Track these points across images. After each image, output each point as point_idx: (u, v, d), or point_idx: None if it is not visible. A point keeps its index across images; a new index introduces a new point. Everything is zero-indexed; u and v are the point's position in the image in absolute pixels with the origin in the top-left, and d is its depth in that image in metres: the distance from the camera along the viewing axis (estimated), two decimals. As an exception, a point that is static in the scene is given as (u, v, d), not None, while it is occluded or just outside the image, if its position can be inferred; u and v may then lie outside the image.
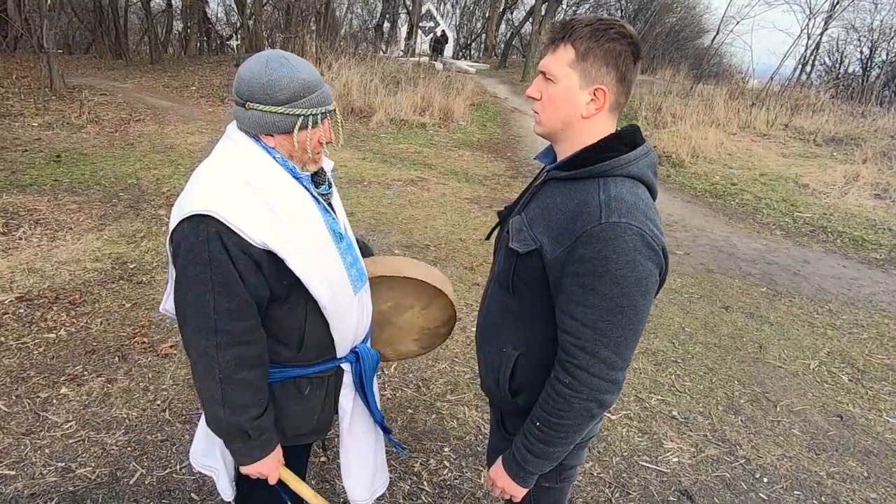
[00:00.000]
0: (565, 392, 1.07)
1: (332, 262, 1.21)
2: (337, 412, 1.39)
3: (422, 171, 7.65)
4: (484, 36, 28.06)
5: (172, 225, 1.08)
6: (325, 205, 1.24)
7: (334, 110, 1.20)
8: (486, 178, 7.67)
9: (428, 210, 5.87)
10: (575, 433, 1.12)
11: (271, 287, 1.13)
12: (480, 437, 2.56)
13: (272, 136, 1.14)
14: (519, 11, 28.43)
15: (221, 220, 1.04)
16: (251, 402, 1.15)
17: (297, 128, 1.12)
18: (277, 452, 1.25)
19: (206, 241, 1.04)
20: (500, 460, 1.25)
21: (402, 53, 18.29)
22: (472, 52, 30.16)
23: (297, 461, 1.44)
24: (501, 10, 26.80)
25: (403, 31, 22.95)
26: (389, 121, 10.23)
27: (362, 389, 1.38)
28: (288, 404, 1.28)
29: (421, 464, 2.36)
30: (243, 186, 1.09)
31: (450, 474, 2.32)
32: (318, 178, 1.26)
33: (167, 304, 1.25)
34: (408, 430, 2.55)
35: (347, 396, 1.37)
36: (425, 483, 2.26)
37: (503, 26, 28.44)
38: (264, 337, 1.16)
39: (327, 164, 1.31)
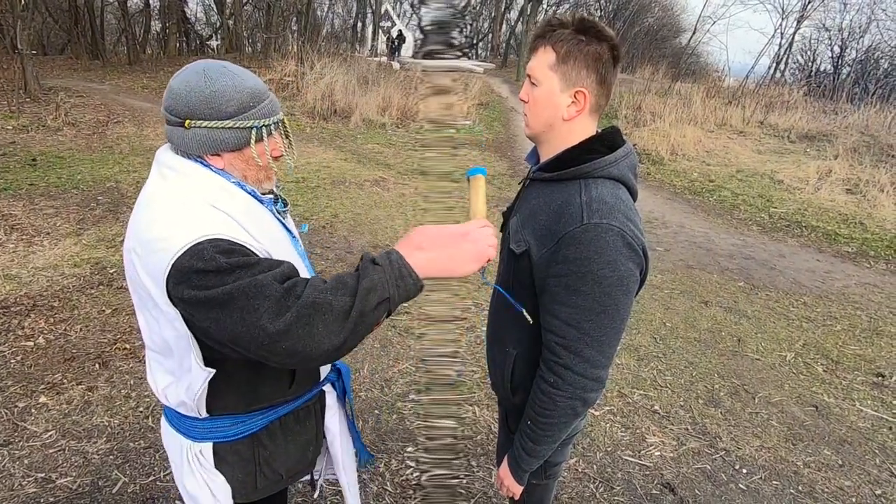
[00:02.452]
0: (550, 391, 1.09)
1: None
2: (325, 436, 1.32)
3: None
4: (490, 35, 28.17)
5: (162, 279, 0.90)
6: (285, 226, 1.16)
7: (283, 120, 1.08)
8: (493, 178, 7.71)
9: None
10: (560, 431, 1.14)
11: None
12: (491, 436, 2.58)
13: (220, 155, 1.01)
14: (514, 11, 28.66)
15: (221, 237, 0.91)
16: (350, 278, 0.92)
17: (252, 141, 1.01)
18: (430, 231, 0.97)
19: (214, 257, 0.89)
20: (505, 459, 1.29)
21: (368, 53, 18.32)
22: (480, 52, 30.21)
23: (280, 497, 1.39)
24: (503, 9, 26.96)
25: (369, 31, 22.92)
26: (361, 120, 10.27)
27: (344, 404, 1.34)
28: (280, 446, 1.18)
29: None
30: (213, 211, 0.96)
31: (460, 472, 2.34)
32: (275, 197, 1.16)
33: (165, 383, 1.06)
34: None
35: (333, 418, 1.31)
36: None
37: (504, 26, 28.55)
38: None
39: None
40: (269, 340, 0.88)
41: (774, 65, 16.59)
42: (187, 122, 0.97)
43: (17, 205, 4.80)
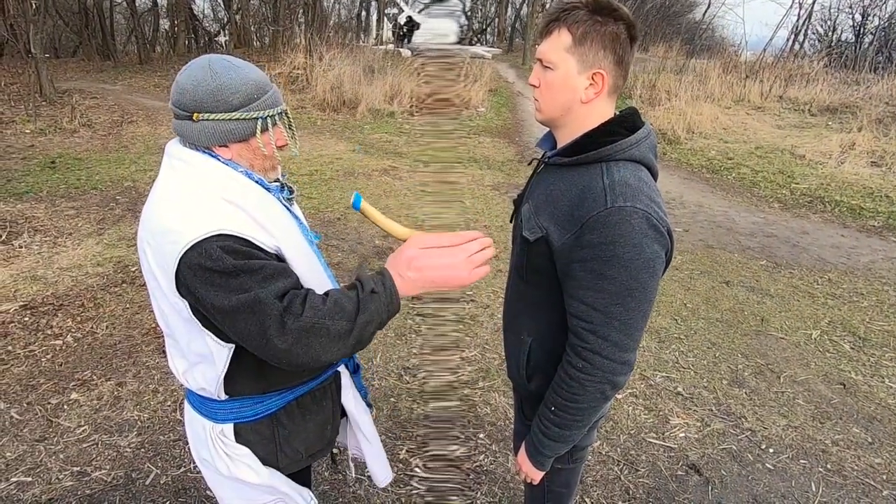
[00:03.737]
0: (579, 376, 1.09)
1: (318, 266, 1.17)
2: (343, 416, 1.37)
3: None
4: (497, 20, 27.81)
5: (170, 273, 0.95)
6: (292, 213, 1.19)
7: (286, 111, 1.11)
8: (504, 164, 7.71)
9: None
10: (589, 416, 1.14)
11: None
12: (508, 422, 2.60)
13: (227, 146, 1.05)
14: None
15: (229, 233, 0.94)
16: (350, 299, 0.99)
17: (258, 131, 1.04)
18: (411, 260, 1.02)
19: (222, 256, 0.93)
20: (523, 445, 1.29)
21: (374, 42, 18.19)
22: (488, 37, 29.87)
23: (303, 477, 1.41)
24: None
25: (374, 19, 22.73)
26: (367, 110, 10.24)
27: (358, 383, 1.38)
28: (299, 425, 1.22)
29: (432, 451, 2.39)
30: (225, 204, 0.99)
31: (486, 459, 2.36)
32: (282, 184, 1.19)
33: (184, 368, 1.11)
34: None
35: (348, 396, 1.35)
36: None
37: (509, 9, 28.12)
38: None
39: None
40: (269, 354, 0.97)
41: (793, 36, 16.09)
42: (195, 115, 1.01)
43: (39, 207, 4.90)
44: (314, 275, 1.15)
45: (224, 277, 0.93)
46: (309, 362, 0.97)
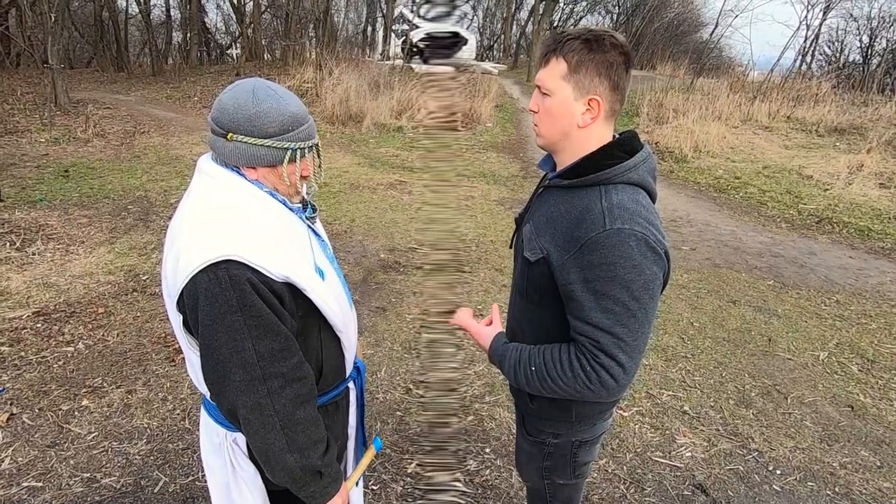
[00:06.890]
0: (579, 372, 1.09)
1: (336, 284, 1.20)
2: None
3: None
4: (502, 36, 28.21)
5: (178, 286, 1.00)
6: (314, 230, 1.23)
7: (317, 145, 1.15)
8: (508, 180, 7.78)
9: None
10: (553, 394, 1.16)
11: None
12: (513, 437, 2.59)
13: (255, 168, 1.09)
14: (523, 11, 28.57)
15: (240, 260, 0.98)
16: (317, 437, 1.09)
17: (286, 161, 1.08)
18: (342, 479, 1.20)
19: (229, 288, 0.97)
20: (497, 339, 1.30)
21: (380, 58, 18.36)
22: (494, 53, 30.23)
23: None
24: (513, 10, 26.92)
25: (380, 35, 22.90)
26: (373, 125, 10.35)
27: (360, 399, 1.39)
28: None
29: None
30: (246, 223, 1.03)
31: (491, 474, 2.36)
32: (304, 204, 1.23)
33: (199, 378, 1.12)
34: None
35: (354, 414, 1.36)
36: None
37: (514, 27, 28.52)
38: (310, 369, 1.10)
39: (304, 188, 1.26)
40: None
41: (800, 57, 16.19)
42: (230, 134, 1.05)
43: (52, 215, 4.97)
44: (333, 290, 1.17)
45: (221, 308, 0.97)
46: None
